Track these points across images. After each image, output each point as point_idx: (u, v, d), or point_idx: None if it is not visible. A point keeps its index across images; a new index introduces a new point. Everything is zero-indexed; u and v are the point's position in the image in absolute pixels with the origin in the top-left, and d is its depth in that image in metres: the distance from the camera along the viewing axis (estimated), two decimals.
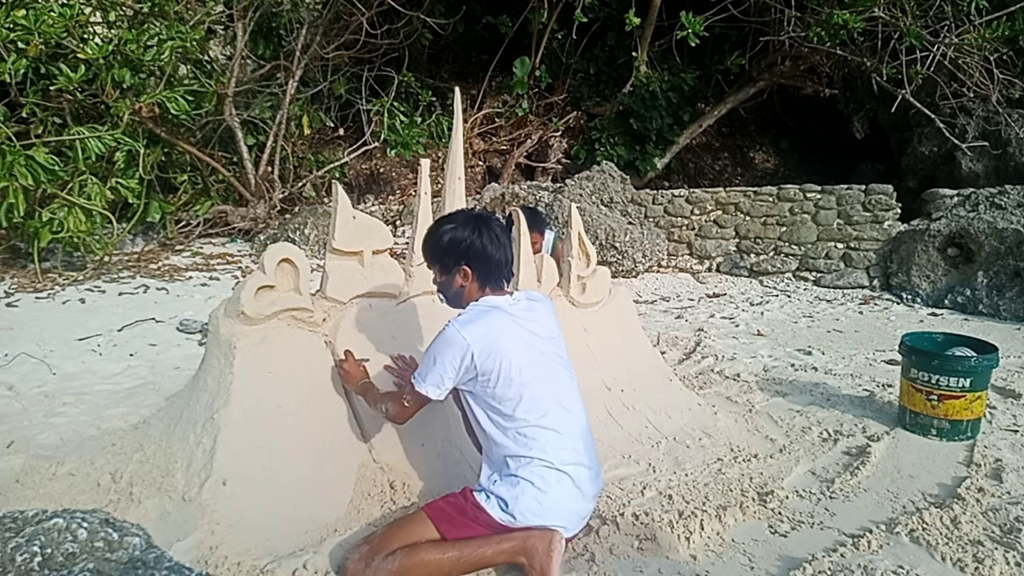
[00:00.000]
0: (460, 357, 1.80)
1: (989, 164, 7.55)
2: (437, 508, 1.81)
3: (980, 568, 1.87)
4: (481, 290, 1.93)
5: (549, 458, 1.80)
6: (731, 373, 3.70)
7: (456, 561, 1.72)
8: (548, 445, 1.81)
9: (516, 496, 1.76)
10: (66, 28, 5.49)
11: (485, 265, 1.90)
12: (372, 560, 1.67)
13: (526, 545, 1.73)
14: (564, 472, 1.81)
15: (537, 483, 1.78)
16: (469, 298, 1.94)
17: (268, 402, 2.08)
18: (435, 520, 1.76)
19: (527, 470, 1.79)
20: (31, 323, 4.33)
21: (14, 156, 5.06)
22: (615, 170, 7.34)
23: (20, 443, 2.45)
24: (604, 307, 3.04)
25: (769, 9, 7.85)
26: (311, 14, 7.38)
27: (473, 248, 1.88)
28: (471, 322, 1.84)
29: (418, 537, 1.73)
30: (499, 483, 1.80)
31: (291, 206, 7.76)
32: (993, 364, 2.85)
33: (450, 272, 1.93)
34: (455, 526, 1.76)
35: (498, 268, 1.93)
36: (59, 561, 1.63)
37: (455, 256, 1.90)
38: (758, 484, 2.38)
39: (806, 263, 6.90)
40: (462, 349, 1.80)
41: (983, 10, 6.92)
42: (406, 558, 1.68)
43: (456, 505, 1.81)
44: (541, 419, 1.82)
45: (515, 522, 1.76)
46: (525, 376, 1.83)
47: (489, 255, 1.90)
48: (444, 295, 2.01)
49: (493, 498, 1.79)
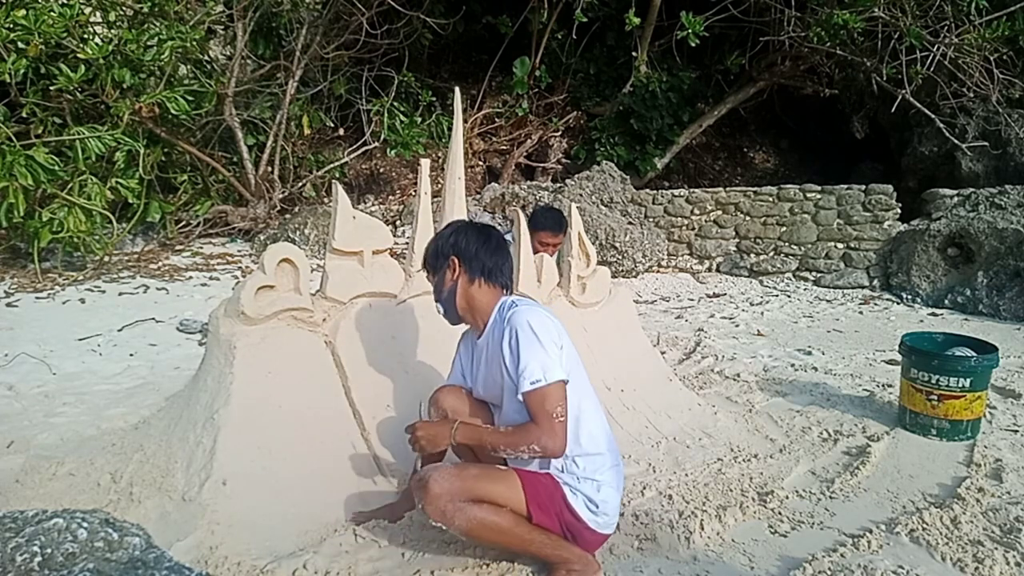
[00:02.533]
0: (555, 329, 1.75)
1: (989, 164, 7.55)
2: (533, 484, 1.75)
3: (980, 568, 1.87)
4: (471, 283, 1.86)
5: (610, 452, 1.83)
6: (731, 373, 3.70)
7: (524, 543, 1.73)
8: (606, 437, 1.84)
9: (605, 500, 1.78)
10: (66, 28, 5.48)
11: (473, 257, 1.86)
12: (458, 498, 1.64)
13: (581, 560, 1.76)
14: (618, 466, 1.86)
15: (613, 483, 1.81)
16: (463, 296, 1.86)
17: (268, 402, 2.08)
18: (528, 495, 1.73)
19: (602, 472, 1.79)
20: (31, 323, 4.33)
21: (14, 156, 5.06)
22: (615, 170, 7.34)
23: (20, 443, 2.45)
24: (604, 307, 3.04)
25: (769, 9, 7.84)
26: (311, 14, 7.37)
27: (458, 244, 1.88)
28: (536, 305, 1.84)
29: (507, 501, 1.71)
30: (582, 482, 1.78)
31: (291, 206, 7.76)
32: (993, 364, 2.85)
33: (440, 270, 1.89)
34: (542, 511, 1.74)
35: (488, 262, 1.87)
36: (59, 561, 1.62)
37: (443, 253, 1.89)
38: (758, 484, 2.38)
39: (806, 263, 6.90)
40: (556, 326, 1.77)
41: (983, 10, 6.92)
42: (490, 515, 1.66)
43: (548, 490, 1.76)
44: (595, 415, 1.84)
45: (602, 524, 1.79)
46: (579, 366, 1.84)
47: (476, 249, 1.87)
48: (439, 300, 1.91)
49: (580, 496, 1.77)
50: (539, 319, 1.74)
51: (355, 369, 2.29)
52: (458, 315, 1.90)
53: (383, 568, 1.80)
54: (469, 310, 1.88)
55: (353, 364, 2.30)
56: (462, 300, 1.87)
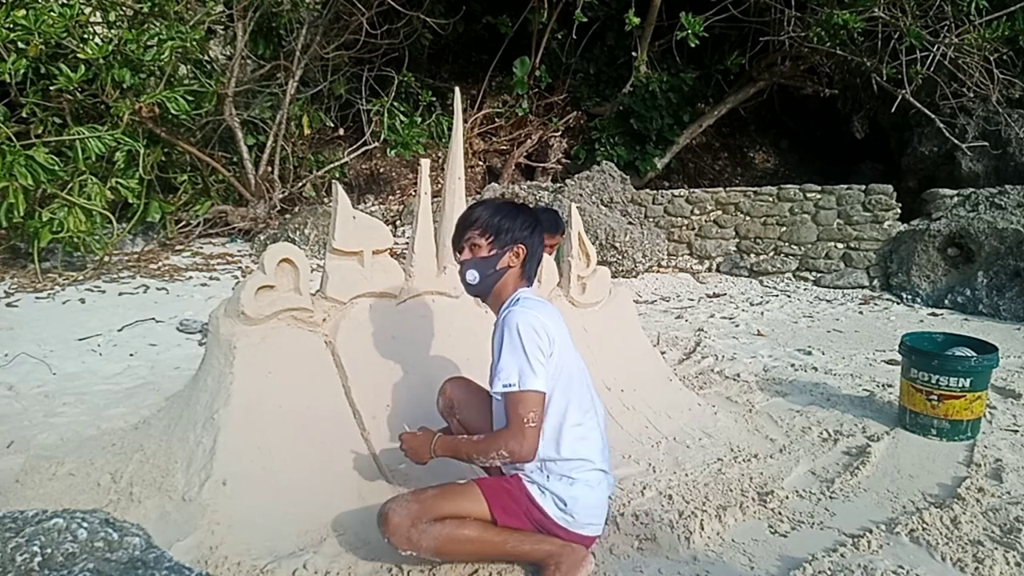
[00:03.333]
0: (544, 335, 1.70)
1: (989, 164, 7.56)
2: (492, 488, 1.75)
3: (980, 568, 1.87)
4: (520, 280, 1.85)
5: (593, 457, 1.80)
6: (731, 373, 3.70)
7: (498, 546, 1.72)
8: (593, 446, 1.81)
9: (575, 497, 1.75)
10: (66, 28, 5.49)
11: (534, 255, 1.86)
12: (419, 521, 1.64)
13: (562, 551, 1.74)
14: (605, 472, 1.83)
15: (591, 482, 1.78)
16: (504, 286, 1.83)
17: (268, 402, 2.08)
18: (490, 501, 1.72)
19: (580, 472, 1.77)
20: (31, 323, 4.33)
21: (14, 156, 5.06)
22: (615, 170, 7.34)
23: (20, 443, 2.45)
24: (604, 307, 3.04)
25: (769, 9, 7.85)
26: (311, 14, 7.38)
27: (536, 233, 1.85)
28: (538, 308, 1.76)
29: (468, 512, 1.70)
30: (552, 480, 1.76)
31: (291, 206, 7.76)
32: (993, 364, 2.85)
33: (503, 247, 1.80)
34: (507, 513, 1.73)
35: (537, 264, 1.89)
36: (59, 561, 1.62)
37: (520, 232, 1.81)
38: (758, 484, 2.38)
39: (806, 263, 6.90)
40: (546, 335, 1.71)
41: (983, 10, 6.92)
42: (454, 529, 1.66)
43: (510, 492, 1.75)
44: (586, 418, 1.82)
45: (572, 522, 1.75)
46: (572, 374, 1.81)
47: (538, 248, 1.87)
48: (478, 273, 1.80)
49: (548, 495, 1.75)
50: (529, 325, 1.69)
51: (355, 369, 2.29)
52: (488, 295, 1.86)
53: (383, 568, 1.80)
54: (498, 296, 1.85)
55: (353, 364, 2.30)
56: (501, 286, 1.84)
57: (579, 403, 1.81)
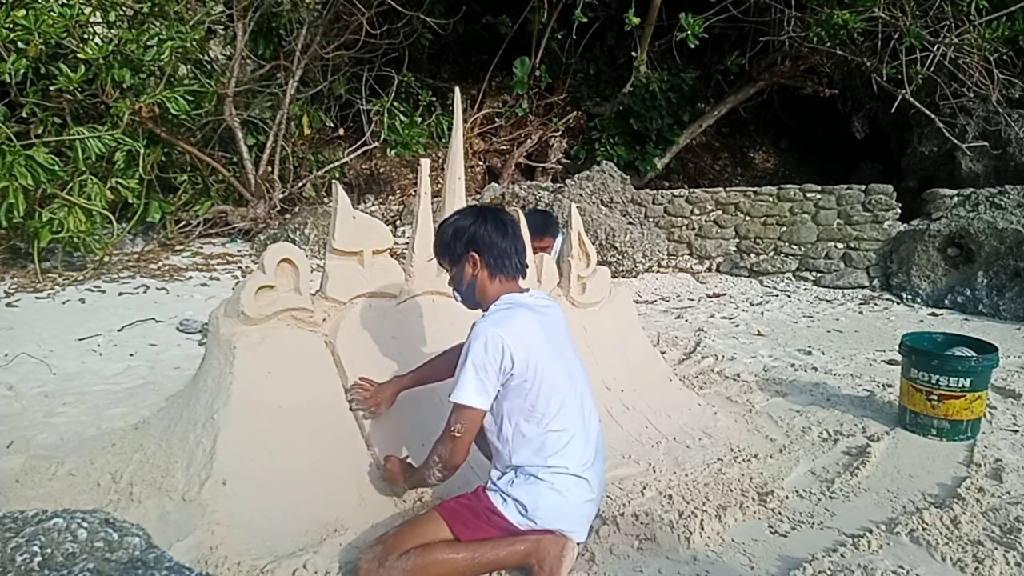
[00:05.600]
0: (500, 359, 1.74)
1: (989, 164, 7.55)
2: (450, 508, 1.79)
3: (980, 568, 1.87)
4: (492, 279, 1.88)
5: (568, 464, 1.79)
6: (731, 373, 3.70)
7: (469, 562, 1.71)
8: (570, 451, 1.80)
9: (536, 499, 1.75)
10: (66, 28, 5.48)
11: (492, 252, 1.87)
12: (385, 560, 1.66)
13: (538, 548, 1.73)
14: (583, 478, 1.81)
15: (557, 486, 1.77)
16: (483, 291, 1.90)
17: (268, 402, 2.07)
18: (449, 521, 1.75)
19: (547, 473, 1.77)
20: (31, 323, 4.33)
21: (14, 156, 5.06)
22: (615, 170, 7.34)
23: (20, 443, 2.45)
24: (604, 307, 3.04)
25: (769, 9, 7.84)
26: (311, 14, 7.38)
27: (478, 235, 1.86)
28: (503, 321, 1.78)
29: (431, 537, 1.72)
30: (516, 485, 1.77)
31: (291, 206, 7.76)
32: (993, 364, 2.85)
33: (459, 262, 1.89)
34: (469, 528, 1.75)
35: (506, 256, 1.89)
36: (59, 561, 1.62)
37: (461, 244, 1.87)
38: (758, 484, 2.38)
39: (806, 263, 6.90)
40: (500, 351, 1.73)
41: (983, 10, 6.92)
42: (419, 557, 1.67)
43: (470, 507, 1.79)
44: (568, 424, 1.81)
45: (535, 526, 1.75)
46: (555, 379, 1.81)
47: (494, 242, 1.87)
48: (458, 291, 1.95)
49: (511, 501, 1.76)
50: (483, 343, 1.73)
51: (355, 369, 2.29)
52: (476, 303, 1.94)
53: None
54: (485, 300, 1.91)
55: (353, 364, 2.29)
56: (480, 292, 1.91)
57: (565, 405, 1.81)
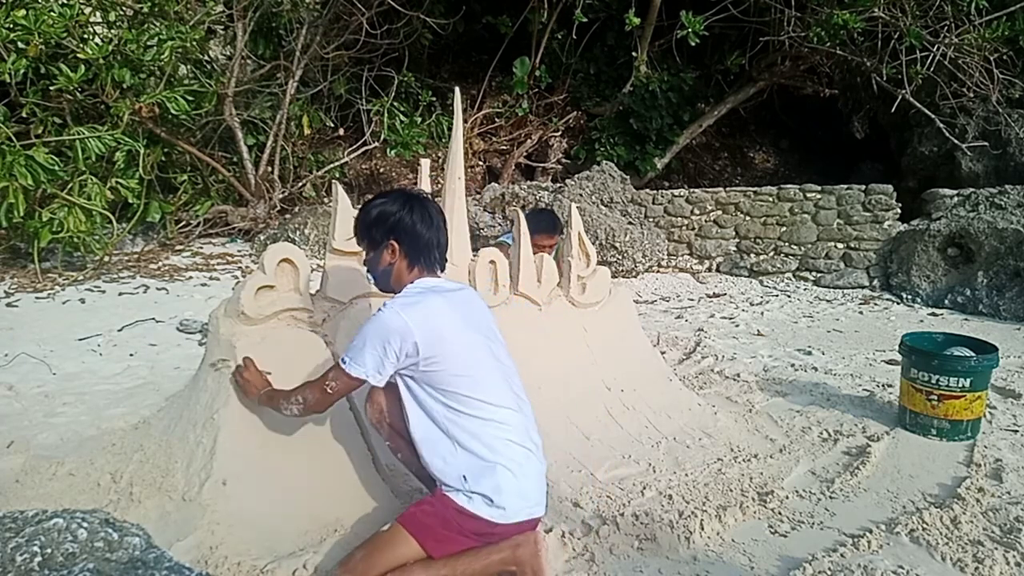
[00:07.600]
0: (400, 341, 1.68)
1: (989, 164, 7.55)
2: (418, 523, 1.68)
3: (980, 568, 1.87)
4: (410, 270, 1.84)
5: (513, 436, 1.73)
6: (731, 373, 3.70)
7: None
8: (509, 422, 1.74)
9: (498, 484, 1.67)
10: (66, 28, 5.48)
11: (414, 242, 1.82)
12: None
13: (516, 554, 1.68)
14: (528, 448, 1.75)
15: (511, 466, 1.69)
16: (399, 278, 1.85)
17: None
18: (419, 537, 1.65)
19: (498, 452, 1.70)
20: (31, 323, 4.33)
21: (14, 156, 5.06)
22: (615, 170, 7.34)
23: (20, 443, 2.45)
24: (604, 307, 3.04)
25: (769, 9, 7.84)
26: (311, 14, 7.37)
27: (402, 223, 1.82)
28: (412, 305, 1.73)
29: (403, 559, 1.63)
30: (473, 479, 1.68)
31: (291, 206, 7.75)
32: (993, 364, 2.86)
33: (377, 247, 1.85)
34: (441, 542, 1.66)
35: (428, 248, 1.84)
36: (59, 561, 1.62)
37: (382, 230, 1.83)
38: (758, 484, 2.38)
39: (806, 263, 6.90)
40: (402, 333, 1.68)
41: (983, 10, 6.92)
42: None
43: (438, 516, 1.68)
44: (499, 399, 1.75)
45: (505, 514, 1.67)
46: (474, 358, 1.76)
47: (419, 233, 1.82)
48: (372, 274, 1.93)
49: (475, 497, 1.67)
50: (384, 323, 1.70)
51: None
52: (390, 288, 1.90)
53: None
54: (398, 286, 1.87)
55: None
56: (396, 279, 1.87)
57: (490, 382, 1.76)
